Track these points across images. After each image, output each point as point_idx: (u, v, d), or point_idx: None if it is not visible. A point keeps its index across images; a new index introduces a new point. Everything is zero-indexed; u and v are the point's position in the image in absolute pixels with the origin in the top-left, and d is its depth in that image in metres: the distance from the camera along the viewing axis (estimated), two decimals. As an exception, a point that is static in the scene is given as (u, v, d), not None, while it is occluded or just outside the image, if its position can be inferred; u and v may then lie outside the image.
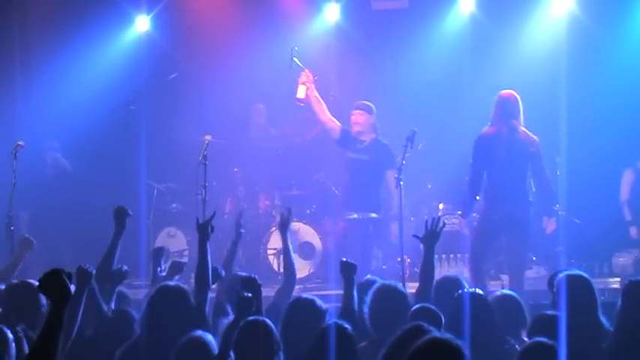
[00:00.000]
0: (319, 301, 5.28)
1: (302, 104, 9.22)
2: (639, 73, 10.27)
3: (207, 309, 5.42)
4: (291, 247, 6.83)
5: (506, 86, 10.55)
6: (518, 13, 10.86)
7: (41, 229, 9.21)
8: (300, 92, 9.16)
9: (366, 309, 5.42)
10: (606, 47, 10.46)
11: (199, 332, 4.81)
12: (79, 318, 5.14)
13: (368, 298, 5.44)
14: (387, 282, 5.69)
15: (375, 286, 5.55)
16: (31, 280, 5.55)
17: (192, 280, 6.19)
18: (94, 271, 5.43)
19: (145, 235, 9.86)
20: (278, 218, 6.53)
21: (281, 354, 4.64)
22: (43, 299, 5.25)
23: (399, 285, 5.70)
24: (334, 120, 9.22)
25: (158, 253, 6.78)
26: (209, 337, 4.78)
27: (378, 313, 5.32)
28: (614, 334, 4.97)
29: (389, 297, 5.42)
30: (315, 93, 9.13)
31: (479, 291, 5.50)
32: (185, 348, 4.72)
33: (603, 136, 9.99)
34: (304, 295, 5.48)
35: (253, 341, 4.58)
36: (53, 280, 3.36)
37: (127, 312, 5.61)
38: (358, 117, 9.18)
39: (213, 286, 5.96)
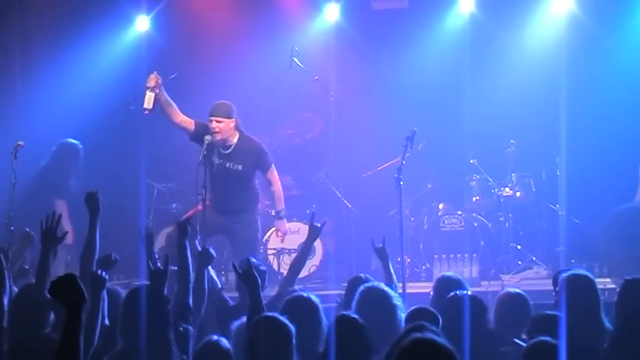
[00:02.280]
0: (314, 297, 5.28)
1: (149, 113, 8.40)
2: (639, 73, 10.27)
3: (190, 303, 5.45)
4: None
5: (506, 86, 10.61)
6: (518, 13, 10.86)
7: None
8: (148, 101, 8.33)
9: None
10: (606, 47, 10.46)
11: (215, 337, 4.81)
12: (99, 325, 5.16)
13: (354, 301, 5.45)
14: (372, 284, 5.68)
15: (360, 288, 5.53)
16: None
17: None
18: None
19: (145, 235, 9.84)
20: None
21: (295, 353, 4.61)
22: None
23: (382, 285, 5.64)
24: (187, 119, 8.50)
25: (150, 236, 6.40)
26: (225, 341, 4.75)
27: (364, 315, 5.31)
28: (611, 335, 4.97)
29: (374, 299, 5.40)
30: (165, 96, 8.38)
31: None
32: (201, 353, 4.72)
33: (603, 136, 9.99)
34: (300, 294, 5.45)
35: (266, 339, 4.54)
36: (66, 285, 3.30)
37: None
38: (216, 125, 8.38)
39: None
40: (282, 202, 8.64)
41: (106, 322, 5.40)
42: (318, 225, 6.88)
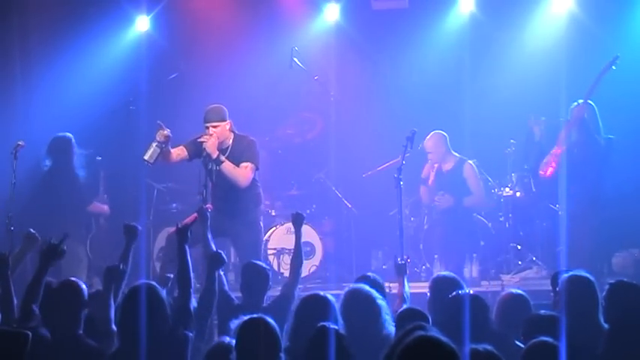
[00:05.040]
0: (331, 298, 5.28)
1: (149, 165, 8.19)
2: (639, 73, 10.27)
3: (191, 308, 5.46)
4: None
5: (506, 86, 10.61)
6: (518, 13, 10.87)
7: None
8: (151, 155, 8.07)
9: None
10: (606, 47, 10.45)
11: (226, 339, 4.82)
12: (112, 314, 5.32)
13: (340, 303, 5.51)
14: (356, 286, 5.73)
15: (345, 289, 5.63)
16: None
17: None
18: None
19: (145, 235, 9.85)
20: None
21: (282, 355, 4.61)
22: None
23: (365, 288, 5.65)
24: (179, 151, 8.30)
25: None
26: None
27: (348, 317, 5.35)
28: (605, 339, 4.97)
29: (359, 301, 5.47)
30: (168, 147, 8.13)
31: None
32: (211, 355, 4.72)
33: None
34: (319, 293, 5.44)
35: (254, 340, 4.55)
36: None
37: None
38: (213, 131, 8.22)
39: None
40: (231, 167, 8.21)
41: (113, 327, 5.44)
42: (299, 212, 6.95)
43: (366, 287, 5.66)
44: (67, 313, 5.32)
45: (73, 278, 5.67)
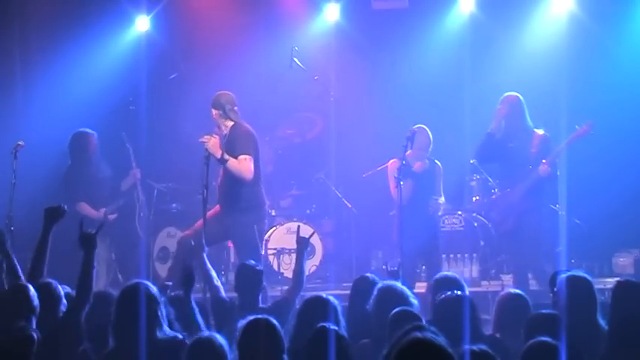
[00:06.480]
0: (333, 300, 5.27)
1: None
2: (639, 73, 10.27)
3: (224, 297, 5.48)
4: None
5: (506, 86, 10.59)
6: (518, 13, 10.87)
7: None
8: None
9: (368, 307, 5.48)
10: (606, 47, 10.46)
11: (207, 333, 4.81)
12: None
13: (372, 298, 5.49)
14: (389, 283, 5.72)
15: (379, 286, 5.60)
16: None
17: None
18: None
19: (145, 235, 9.86)
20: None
21: (285, 357, 4.59)
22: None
23: (398, 286, 5.67)
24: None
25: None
26: (218, 337, 4.70)
27: (381, 312, 5.32)
28: (607, 340, 4.97)
29: (392, 297, 5.44)
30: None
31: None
32: (194, 349, 4.71)
33: (603, 136, 9.98)
34: (321, 294, 5.43)
35: (257, 341, 4.53)
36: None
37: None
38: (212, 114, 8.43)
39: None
40: (235, 163, 8.17)
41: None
42: (305, 236, 6.77)
43: (399, 284, 5.67)
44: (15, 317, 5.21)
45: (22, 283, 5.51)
